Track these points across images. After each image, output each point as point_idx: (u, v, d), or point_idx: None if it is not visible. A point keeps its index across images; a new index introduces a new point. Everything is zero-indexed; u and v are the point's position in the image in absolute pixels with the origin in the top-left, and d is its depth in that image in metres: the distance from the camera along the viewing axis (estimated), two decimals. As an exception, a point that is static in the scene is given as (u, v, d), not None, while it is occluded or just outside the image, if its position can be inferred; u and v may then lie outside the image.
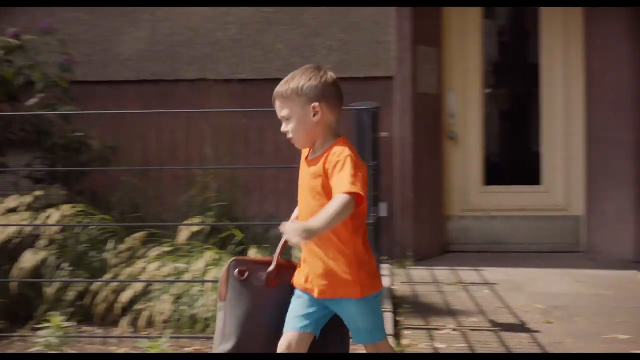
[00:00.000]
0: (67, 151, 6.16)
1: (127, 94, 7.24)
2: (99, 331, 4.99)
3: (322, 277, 3.00)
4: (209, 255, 5.17)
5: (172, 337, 4.58)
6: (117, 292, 5.02)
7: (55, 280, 5.07)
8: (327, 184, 2.96)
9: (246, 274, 3.08)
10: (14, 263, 5.09)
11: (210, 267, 5.07)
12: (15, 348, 4.88)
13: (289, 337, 3.02)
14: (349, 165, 2.91)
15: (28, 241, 5.28)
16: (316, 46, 7.27)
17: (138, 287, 4.99)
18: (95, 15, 7.41)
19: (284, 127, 3.10)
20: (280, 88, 3.09)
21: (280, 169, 6.81)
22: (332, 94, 3.06)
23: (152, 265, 5.06)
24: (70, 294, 5.05)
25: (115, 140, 6.50)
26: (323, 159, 2.99)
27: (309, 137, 3.07)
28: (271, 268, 3.11)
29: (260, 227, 6.05)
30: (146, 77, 7.26)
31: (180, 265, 5.14)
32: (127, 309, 5.01)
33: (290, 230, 2.84)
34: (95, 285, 5.04)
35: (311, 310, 3.04)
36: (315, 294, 3.01)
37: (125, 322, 4.96)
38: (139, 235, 5.34)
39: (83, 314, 5.06)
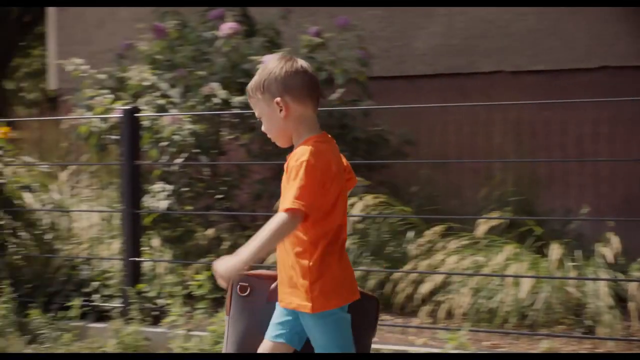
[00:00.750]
0: (368, 145, 6.34)
1: (423, 88, 7.32)
2: (398, 320, 5.10)
3: (282, 285, 2.80)
4: (509, 249, 5.10)
5: (470, 330, 4.57)
6: (416, 282, 5.10)
7: (356, 268, 5.24)
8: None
9: (248, 290, 2.94)
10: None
11: (510, 262, 5.00)
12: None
13: (262, 346, 2.84)
14: (301, 174, 2.63)
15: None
16: (619, 33, 6.90)
17: (437, 278, 5.05)
18: (392, 12, 7.56)
19: (263, 127, 2.87)
20: (248, 86, 2.86)
21: (583, 162, 6.57)
22: (296, 84, 2.77)
23: (451, 258, 5.09)
24: (371, 282, 5.20)
25: (412, 133, 6.57)
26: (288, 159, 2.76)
27: (283, 135, 2.83)
28: (274, 285, 2.91)
29: (560, 221, 5.86)
30: (442, 71, 7.29)
31: (479, 259, 5.12)
32: (426, 299, 5.09)
33: (216, 270, 2.69)
34: (395, 275, 5.15)
35: (285, 319, 2.82)
36: (280, 303, 2.84)
37: (424, 312, 5.03)
38: (438, 228, 5.39)
39: (383, 302, 5.19)
